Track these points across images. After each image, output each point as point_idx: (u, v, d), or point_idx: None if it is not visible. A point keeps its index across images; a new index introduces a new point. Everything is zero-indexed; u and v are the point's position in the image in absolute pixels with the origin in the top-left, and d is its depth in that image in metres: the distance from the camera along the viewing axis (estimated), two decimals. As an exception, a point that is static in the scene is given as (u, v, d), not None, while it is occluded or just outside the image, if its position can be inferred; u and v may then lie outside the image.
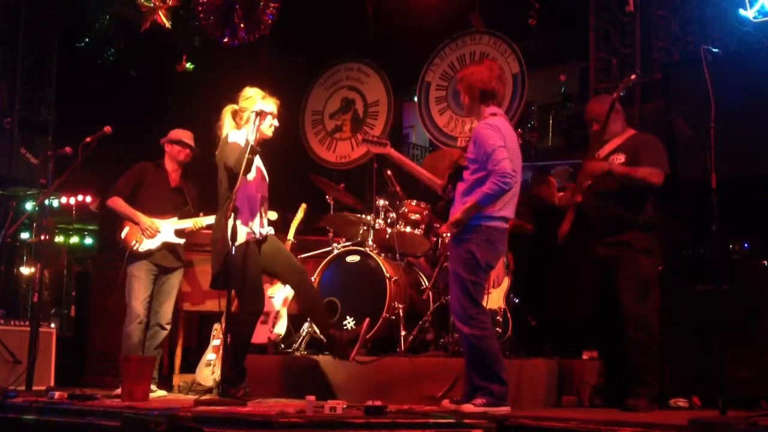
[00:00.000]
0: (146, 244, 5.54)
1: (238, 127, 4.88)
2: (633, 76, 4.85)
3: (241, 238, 4.65)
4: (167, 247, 5.61)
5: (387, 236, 5.90)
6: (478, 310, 4.18)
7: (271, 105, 4.88)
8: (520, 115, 7.32)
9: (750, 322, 4.63)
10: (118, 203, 5.62)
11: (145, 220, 5.54)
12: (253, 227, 4.77)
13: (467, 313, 4.15)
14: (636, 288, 4.55)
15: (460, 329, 4.27)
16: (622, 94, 4.69)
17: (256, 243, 4.80)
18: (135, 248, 5.53)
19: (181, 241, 5.68)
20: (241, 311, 4.82)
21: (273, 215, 5.21)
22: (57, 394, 4.70)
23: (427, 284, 5.83)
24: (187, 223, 5.62)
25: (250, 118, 4.71)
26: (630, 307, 4.52)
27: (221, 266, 4.56)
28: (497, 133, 4.18)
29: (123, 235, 5.61)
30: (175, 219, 5.64)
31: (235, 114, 4.91)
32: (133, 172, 5.76)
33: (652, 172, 4.54)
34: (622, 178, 4.56)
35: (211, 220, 5.60)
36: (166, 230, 5.60)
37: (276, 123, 4.89)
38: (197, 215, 5.67)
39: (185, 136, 5.79)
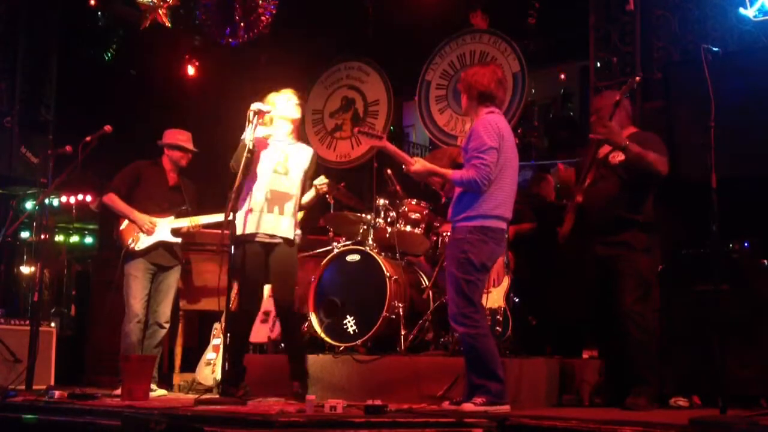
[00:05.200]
0: (142, 243, 5.54)
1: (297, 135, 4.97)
2: (637, 78, 4.83)
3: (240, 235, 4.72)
4: (164, 245, 5.60)
5: (387, 235, 5.90)
6: (473, 309, 4.17)
7: (285, 96, 4.91)
8: (521, 115, 7.32)
9: (750, 321, 4.64)
10: (114, 200, 5.62)
11: (142, 216, 5.53)
12: (252, 226, 4.77)
13: (461, 312, 4.15)
14: (636, 287, 4.55)
15: (454, 329, 4.28)
16: (626, 95, 4.69)
17: (262, 244, 4.80)
18: (131, 247, 5.53)
19: (178, 240, 5.67)
20: (237, 308, 4.86)
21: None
22: (57, 394, 4.70)
23: (427, 283, 5.83)
24: (184, 223, 5.61)
25: (248, 117, 4.71)
26: (629, 306, 4.52)
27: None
28: (495, 132, 4.19)
29: (119, 232, 5.61)
30: (172, 218, 5.63)
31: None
32: (130, 170, 5.76)
33: (661, 160, 4.54)
34: (634, 156, 4.52)
35: (207, 219, 5.60)
36: (162, 229, 5.59)
37: (296, 101, 4.96)
38: (195, 215, 5.65)
39: (183, 139, 5.77)
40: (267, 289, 5.60)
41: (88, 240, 10.89)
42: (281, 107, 4.88)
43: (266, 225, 4.82)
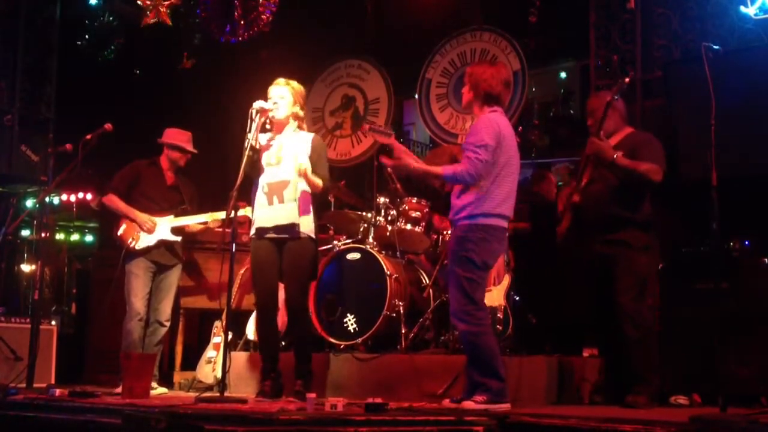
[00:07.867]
0: (143, 242, 5.54)
1: (300, 125, 4.96)
2: (627, 79, 4.84)
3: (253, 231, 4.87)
4: (164, 244, 5.60)
5: (387, 233, 5.90)
6: (475, 307, 4.17)
7: (278, 91, 4.90)
8: (521, 113, 7.32)
9: (750, 319, 4.64)
10: (114, 201, 5.62)
11: (142, 215, 5.54)
12: (257, 222, 4.82)
13: (463, 309, 4.15)
14: (633, 286, 4.55)
15: (456, 326, 4.28)
16: (616, 97, 4.69)
17: (271, 239, 4.80)
18: (131, 246, 5.53)
19: (178, 238, 5.66)
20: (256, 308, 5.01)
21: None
22: (58, 392, 4.71)
23: (427, 282, 5.84)
24: (184, 221, 5.61)
25: (249, 115, 4.71)
26: (627, 304, 4.52)
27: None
28: (494, 130, 4.20)
29: (119, 232, 5.61)
30: (171, 217, 5.63)
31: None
32: (128, 170, 5.76)
33: (653, 169, 4.54)
34: (624, 170, 4.54)
35: (207, 217, 5.59)
36: (162, 228, 5.59)
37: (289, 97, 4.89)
38: (194, 213, 5.65)
39: (184, 139, 5.75)
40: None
41: (89, 238, 10.87)
42: (279, 111, 4.84)
43: (268, 218, 4.80)
